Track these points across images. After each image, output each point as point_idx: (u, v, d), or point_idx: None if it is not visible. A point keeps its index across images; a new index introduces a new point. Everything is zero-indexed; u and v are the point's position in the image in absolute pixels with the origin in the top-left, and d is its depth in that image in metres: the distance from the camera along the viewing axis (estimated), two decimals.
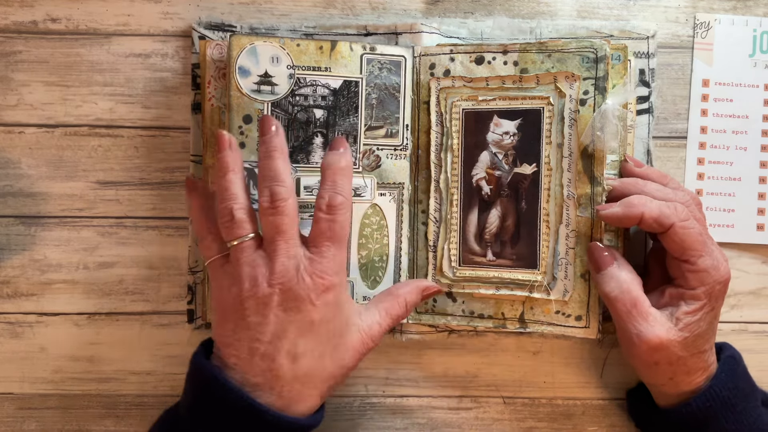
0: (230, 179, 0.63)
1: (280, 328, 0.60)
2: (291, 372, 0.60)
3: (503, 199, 0.71)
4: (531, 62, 0.70)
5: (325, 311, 0.61)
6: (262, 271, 0.60)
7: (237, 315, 0.61)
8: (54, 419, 0.76)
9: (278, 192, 0.61)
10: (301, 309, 0.60)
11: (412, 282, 0.69)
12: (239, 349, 0.60)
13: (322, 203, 0.62)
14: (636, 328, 0.65)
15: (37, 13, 0.74)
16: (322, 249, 0.62)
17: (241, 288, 0.60)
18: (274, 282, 0.60)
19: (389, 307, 0.66)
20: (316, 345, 0.61)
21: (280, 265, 0.60)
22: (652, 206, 0.64)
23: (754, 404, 0.68)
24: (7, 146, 0.75)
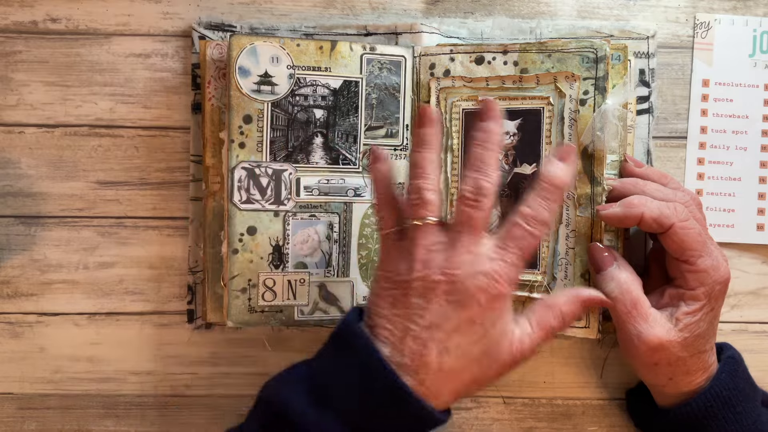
0: (427, 157, 0.60)
1: (439, 317, 0.57)
2: (438, 363, 0.57)
3: (503, 199, 0.71)
4: (531, 62, 0.70)
5: (487, 315, 0.58)
6: (438, 257, 0.58)
7: (400, 291, 0.58)
8: (54, 419, 0.76)
9: (485, 187, 0.58)
10: (465, 306, 0.57)
11: (569, 291, 0.63)
12: (394, 324, 0.58)
13: (528, 213, 0.59)
14: (636, 329, 0.65)
15: (37, 13, 0.74)
16: (508, 254, 0.58)
17: (412, 267, 0.58)
18: (447, 271, 0.57)
19: (541, 319, 0.61)
20: (469, 345, 0.58)
21: (459, 256, 0.58)
22: (652, 206, 0.64)
23: (754, 405, 0.68)
24: (7, 146, 0.75)
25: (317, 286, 0.71)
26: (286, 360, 0.74)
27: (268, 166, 0.70)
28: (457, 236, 0.58)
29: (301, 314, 0.71)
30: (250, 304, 0.70)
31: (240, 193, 0.70)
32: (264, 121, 0.70)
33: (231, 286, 0.70)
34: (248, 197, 0.70)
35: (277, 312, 0.71)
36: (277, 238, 0.70)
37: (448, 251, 0.58)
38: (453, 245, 0.58)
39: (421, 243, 0.59)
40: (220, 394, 0.76)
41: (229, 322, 0.70)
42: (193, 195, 0.75)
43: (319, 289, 0.71)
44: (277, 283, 0.71)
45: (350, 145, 0.71)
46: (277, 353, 0.76)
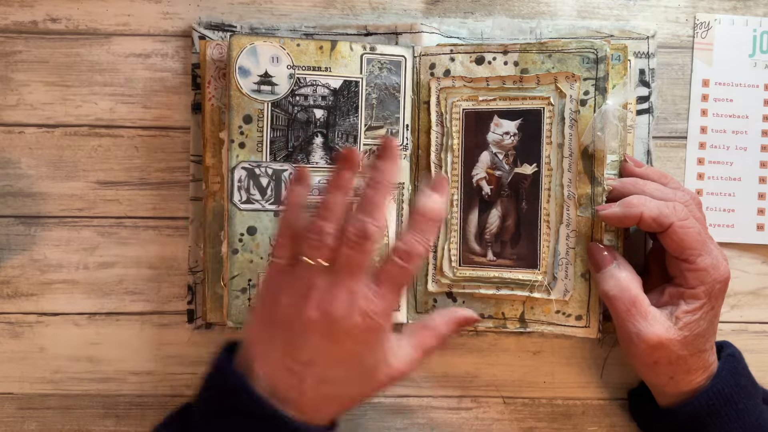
0: (339, 201, 0.62)
1: (317, 353, 0.59)
2: (316, 393, 0.59)
3: (504, 199, 0.71)
4: (531, 62, 0.70)
5: (364, 348, 0.60)
6: (319, 296, 0.59)
7: (280, 326, 0.60)
8: (54, 419, 0.76)
9: (370, 231, 0.59)
10: (341, 342, 0.59)
11: (445, 312, 0.66)
12: (272, 359, 0.60)
13: (402, 249, 0.61)
14: (635, 327, 0.65)
15: (37, 13, 0.74)
16: (385, 292, 0.60)
17: (292, 303, 0.60)
18: (324, 310, 0.59)
19: (421, 341, 0.64)
20: (347, 375, 0.60)
21: (336, 297, 0.59)
22: (651, 206, 0.64)
23: (756, 402, 0.68)
24: (7, 146, 0.75)
25: None
26: None
27: (268, 166, 0.70)
28: (339, 277, 0.59)
29: None
30: (250, 304, 0.70)
31: (240, 193, 0.70)
32: (264, 121, 0.70)
33: (231, 286, 0.70)
34: (248, 197, 0.70)
35: None
36: None
37: (330, 292, 0.59)
38: (332, 286, 0.59)
39: (307, 281, 0.60)
40: None
41: (229, 322, 0.70)
42: (193, 195, 0.75)
43: None
44: None
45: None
46: None
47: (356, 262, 0.59)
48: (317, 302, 0.59)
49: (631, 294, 0.65)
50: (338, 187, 0.62)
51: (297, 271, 0.61)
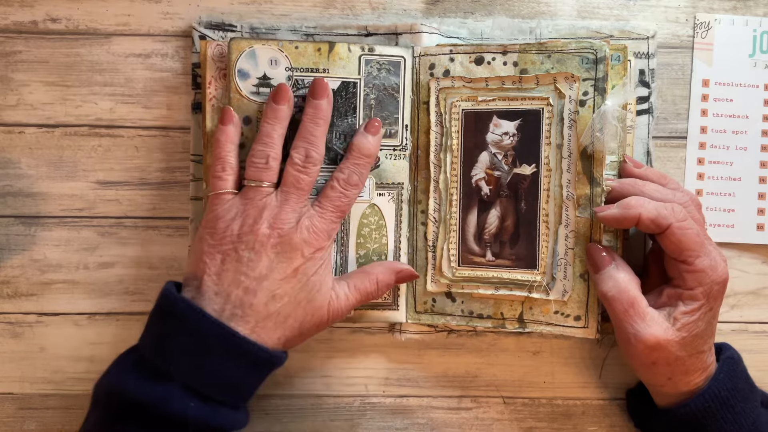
0: (275, 128, 0.68)
1: (268, 268, 0.65)
2: (266, 309, 0.64)
3: (503, 200, 0.71)
4: (531, 63, 0.70)
5: (310, 265, 0.66)
6: (268, 214, 0.65)
7: (230, 247, 0.65)
8: (54, 419, 0.76)
9: (313, 156, 0.67)
10: (291, 257, 0.65)
11: (386, 263, 0.72)
12: (222, 279, 0.64)
13: (341, 177, 0.68)
14: (633, 328, 0.65)
15: (37, 13, 0.74)
16: (326, 213, 0.67)
17: (244, 224, 0.65)
18: (275, 226, 0.65)
19: (360, 283, 0.69)
20: (295, 292, 0.65)
21: (286, 214, 0.65)
22: (649, 207, 0.64)
23: (753, 405, 0.68)
24: (7, 146, 0.75)
25: None
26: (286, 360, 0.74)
27: None
28: (286, 196, 0.66)
29: None
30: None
31: None
32: None
33: None
34: None
35: None
36: None
37: (279, 209, 0.66)
38: (282, 204, 0.66)
39: (256, 202, 0.66)
40: None
41: None
42: (194, 194, 0.75)
43: None
44: None
45: None
46: None
47: (302, 183, 0.66)
48: (269, 220, 0.65)
49: (629, 295, 0.65)
50: (276, 119, 0.68)
51: (244, 196, 0.67)
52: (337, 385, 0.77)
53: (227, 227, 0.65)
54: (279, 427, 0.76)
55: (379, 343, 0.76)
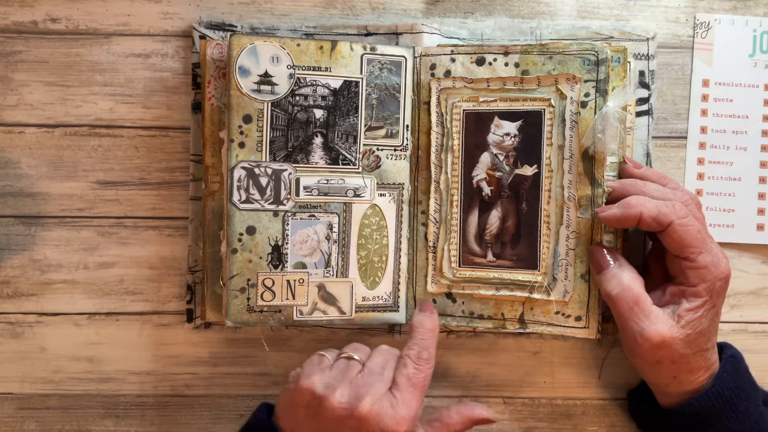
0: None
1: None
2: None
3: (504, 200, 0.71)
4: (532, 64, 0.70)
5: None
6: (355, 396, 0.63)
7: (312, 413, 0.64)
8: (54, 419, 0.76)
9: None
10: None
11: (465, 409, 0.69)
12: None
13: (412, 354, 0.66)
14: (638, 326, 0.65)
15: (37, 13, 0.74)
16: (405, 394, 0.64)
17: (329, 399, 0.63)
18: (358, 413, 0.62)
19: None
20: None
21: (371, 404, 0.63)
22: (650, 206, 0.64)
23: (755, 404, 0.68)
24: (7, 146, 0.75)
25: (316, 286, 0.71)
26: (285, 359, 0.74)
27: (267, 166, 0.70)
28: (380, 386, 0.65)
29: (300, 314, 0.71)
30: (249, 303, 0.70)
31: (239, 193, 0.70)
32: (264, 120, 0.70)
33: (230, 286, 0.70)
34: (247, 197, 0.70)
35: (276, 312, 0.71)
36: (276, 238, 0.70)
37: (362, 395, 0.63)
38: (363, 390, 0.64)
39: (350, 378, 0.65)
40: (219, 394, 0.76)
41: (228, 322, 0.70)
42: (194, 194, 0.75)
43: (318, 290, 0.71)
44: (276, 283, 0.71)
45: (350, 145, 0.71)
46: (275, 353, 0.76)
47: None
48: (353, 401, 0.63)
49: (634, 293, 0.65)
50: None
51: (339, 367, 0.66)
52: None
53: (308, 389, 0.65)
54: None
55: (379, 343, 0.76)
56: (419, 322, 0.69)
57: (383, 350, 0.68)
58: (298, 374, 0.67)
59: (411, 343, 0.67)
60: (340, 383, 0.64)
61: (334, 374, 0.65)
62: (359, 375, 0.65)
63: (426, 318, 0.69)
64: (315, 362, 0.67)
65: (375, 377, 0.65)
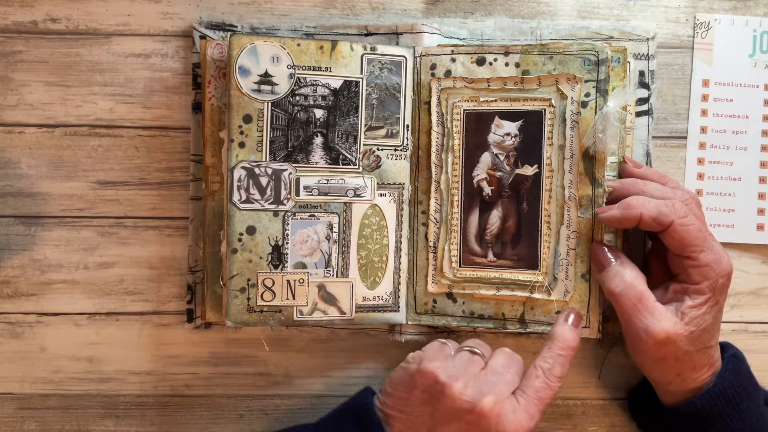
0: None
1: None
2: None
3: (504, 200, 0.71)
4: (533, 64, 0.70)
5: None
6: (478, 391, 0.62)
7: (429, 398, 0.64)
8: (54, 419, 0.76)
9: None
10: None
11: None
12: (411, 424, 0.64)
13: (545, 368, 0.64)
14: (642, 323, 0.65)
15: (37, 13, 0.74)
16: (530, 404, 0.63)
17: (452, 387, 0.63)
18: (479, 408, 0.62)
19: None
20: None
21: (494, 402, 0.62)
22: (650, 206, 0.64)
23: (757, 403, 0.68)
24: (7, 146, 0.74)
25: (316, 286, 0.71)
26: (285, 360, 0.74)
27: (267, 166, 0.70)
28: (503, 389, 0.64)
29: (300, 314, 0.71)
30: (249, 303, 0.70)
31: (239, 193, 0.70)
32: (264, 120, 0.70)
33: (230, 286, 0.70)
34: (248, 197, 0.70)
35: (276, 312, 0.71)
36: (277, 238, 0.70)
37: (489, 392, 0.63)
38: (490, 388, 0.63)
39: (472, 373, 0.64)
40: (219, 394, 0.76)
41: (228, 322, 0.70)
42: (194, 194, 0.75)
43: (318, 290, 0.71)
44: (276, 283, 0.71)
45: (350, 145, 0.71)
46: (275, 353, 0.76)
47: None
48: (478, 395, 0.62)
49: (637, 290, 0.66)
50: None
51: (462, 358, 0.65)
52: (337, 385, 0.77)
53: (427, 374, 0.64)
54: (279, 427, 0.76)
55: (380, 343, 0.76)
56: (562, 336, 0.66)
57: (506, 352, 0.67)
58: (420, 356, 0.66)
59: (547, 355, 0.65)
60: (463, 375, 0.63)
61: (458, 365, 0.65)
62: (482, 372, 0.64)
63: (569, 332, 0.66)
64: (437, 348, 0.67)
65: (498, 377, 0.64)
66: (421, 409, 0.63)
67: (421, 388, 0.64)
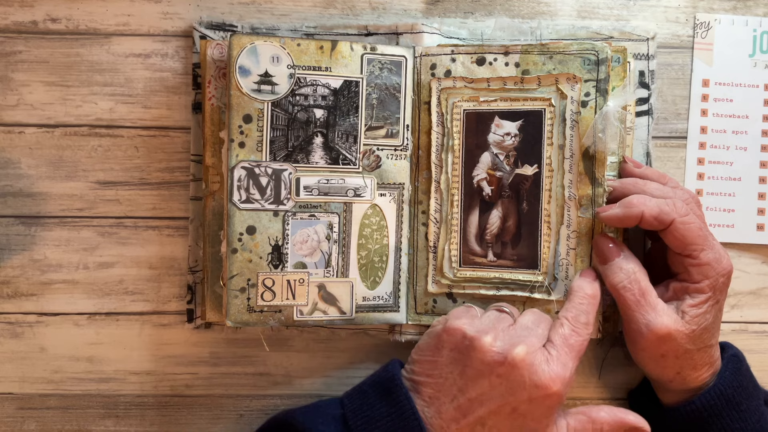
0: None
1: (487, 394, 0.62)
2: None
3: (504, 200, 0.71)
4: (532, 63, 0.70)
5: (531, 410, 0.62)
6: (509, 343, 0.62)
7: (457, 356, 0.63)
8: (54, 419, 0.76)
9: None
10: (515, 393, 0.62)
11: (617, 411, 0.67)
12: (441, 387, 0.63)
13: (570, 316, 0.65)
14: (644, 318, 0.65)
15: (37, 13, 0.74)
16: (561, 353, 0.63)
17: (481, 340, 0.63)
18: (511, 359, 0.61)
19: (581, 429, 0.66)
20: (504, 428, 0.63)
21: (526, 353, 0.61)
22: (651, 204, 0.64)
23: (757, 403, 0.68)
24: (7, 146, 0.74)
25: (316, 286, 0.71)
26: (285, 360, 0.74)
27: (267, 166, 0.70)
28: (531, 341, 0.63)
29: (300, 314, 0.71)
30: (249, 303, 0.70)
31: (239, 193, 0.70)
32: (264, 120, 0.70)
33: (230, 286, 0.70)
34: (248, 197, 0.70)
35: (276, 312, 0.71)
36: (277, 238, 0.70)
37: (517, 345, 0.62)
38: (520, 341, 0.63)
39: (500, 328, 0.64)
40: (219, 394, 0.76)
41: (228, 322, 0.70)
42: (194, 194, 0.75)
43: (319, 290, 0.71)
44: (277, 283, 0.71)
45: (350, 145, 0.71)
46: (275, 353, 0.76)
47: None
48: (506, 347, 0.62)
49: (641, 285, 0.66)
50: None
51: (490, 314, 0.66)
52: (337, 385, 0.77)
53: (457, 334, 0.64)
54: None
55: (380, 343, 0.76)
56: (579, 286, 0.67)
57: (535, 311, 0.67)
58: (445, 318, 0.66)
59: (569, 306, 0.66)
60: (492, 330, 0.63)
61: (485, 321, 0.65)
62: (511, 327, 0.64)
63: (586, 283, 0.67)
64: (463, 310, 0.67)
65: (528, 331, 0.64)
66: (450, 369, 0.63)
67: (449, 346, 0.64)
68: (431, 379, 0.64)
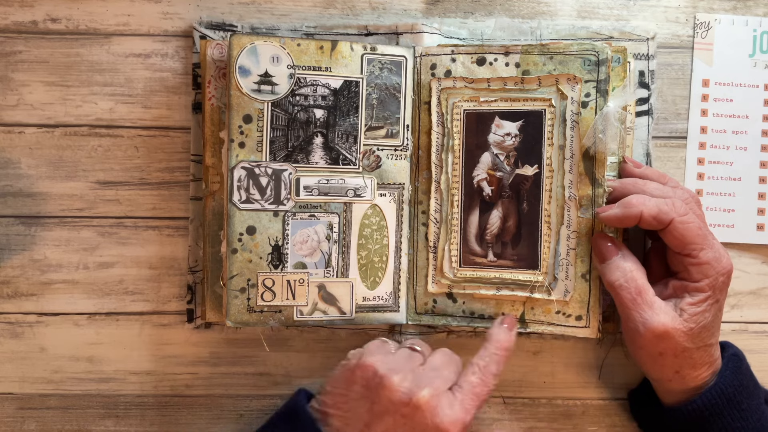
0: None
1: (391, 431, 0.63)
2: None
3: (504, 200, 0.71)
4: (533, 64, 0.70)
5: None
6: (416, 384, 0.63)
7: (367, 392, 0.64)
8: (54, 419, 0.76)
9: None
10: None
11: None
12: (348, 420, 0.64)
13: (481, 365, 0.66)
14: (641, 316, 0.65)
15: (37, 13, 0.74)
16: (466, 399, 0.64)
17: (390, 379, 0.63)
18: (416, 400, 0.62)
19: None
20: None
21: (431, 395, 0.62)
22: (650, 204, 0.64)
23: (758, 402, 0.68)
24: (7, 146, 0.74)
25: (316, 286, 0.71)
26: (285, 360, 0.74)
27: (267, 166, 0.70)
28: (437, 385, 0.64)
29: (300, 314, 0.71)
30: (249, 304, 0.70)
31: (239, 193, 0.70)
32: (264, 120, 0.70)
33: (230, 286, 0.70)
34: (248, 197, 0.70)
35: (276, 312, 0.71)
36: (277, 238, 0.70)
37: (425, 386, 0.63)
38: (427, 383, 0.64)
39: (410, 369, 0.65)
40: (219, 394, 0.76)
41: (228, 322, 0.70)
42: (194, 194, 0.75)
43: (318, 290, 0.71)
44: (276, 283, 0.71)
45: (350, 145, 0.71)
46: (275, 353, 0.76)
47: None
48: (414, 388, 0.63)
49: (638, 284, 0.66)
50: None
51: (401, 354, 0.67)
52: None
53: (368, 372, 0.65)
54: None
55: None
56: (496, 336, 0.68)
57: (446, 352, 0.68)
58: (360, 353, 0.67)
59: (483, 354, 0.67)
60: (402, 369, 0.64)
61: (398, 359, 0.65)
62: (421, 367, 0.65)
63: (503, 333, 0.68)
64: (378, 344, 0.68)
65: (435, 373, 0.65)
66: (359, 404, 0.64)
67: (360, 382, 0.64)
68: (340, 412, 0.65)
